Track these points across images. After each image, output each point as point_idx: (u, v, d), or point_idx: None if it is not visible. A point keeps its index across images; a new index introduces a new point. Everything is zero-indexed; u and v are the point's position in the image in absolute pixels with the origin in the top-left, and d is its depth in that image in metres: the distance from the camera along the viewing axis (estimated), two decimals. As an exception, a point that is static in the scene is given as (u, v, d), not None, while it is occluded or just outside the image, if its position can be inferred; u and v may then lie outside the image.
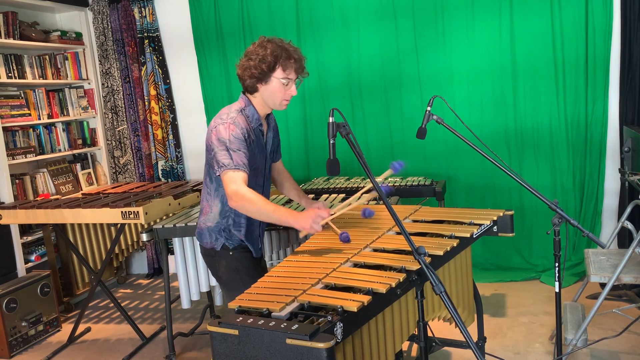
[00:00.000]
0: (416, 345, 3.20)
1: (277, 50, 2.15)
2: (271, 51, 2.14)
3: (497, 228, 2.46)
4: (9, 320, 3.64)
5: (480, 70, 4.12)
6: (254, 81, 2.20)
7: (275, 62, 2.16)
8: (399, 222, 1.74)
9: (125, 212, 3.39)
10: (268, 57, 2.14)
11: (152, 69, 4.86)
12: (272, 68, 2.17)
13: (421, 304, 1.81)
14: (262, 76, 2.18)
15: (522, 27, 3.99)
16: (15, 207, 3.72)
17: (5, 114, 4.12)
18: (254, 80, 2.19)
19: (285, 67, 2.18)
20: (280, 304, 1.65)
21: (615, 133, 3.94)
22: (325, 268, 1.93)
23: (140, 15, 4.80)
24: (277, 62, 2.16)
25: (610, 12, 3.79)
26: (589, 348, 3.04)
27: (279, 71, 2.18)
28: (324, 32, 4.42)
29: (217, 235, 2.36)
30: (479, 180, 4.26)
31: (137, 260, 5.29)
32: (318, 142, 4.60)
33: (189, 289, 3.14)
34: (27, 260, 4.17)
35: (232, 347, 1.57)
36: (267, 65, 2.15)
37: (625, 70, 3.80)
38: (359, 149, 1.90)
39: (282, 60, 2.16)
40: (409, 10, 4.20)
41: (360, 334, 1.69)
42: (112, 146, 5.04)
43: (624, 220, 3.29)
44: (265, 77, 2.18)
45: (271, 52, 2.14)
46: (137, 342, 3.71)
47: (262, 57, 2.15)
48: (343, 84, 4.45)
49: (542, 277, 4.15)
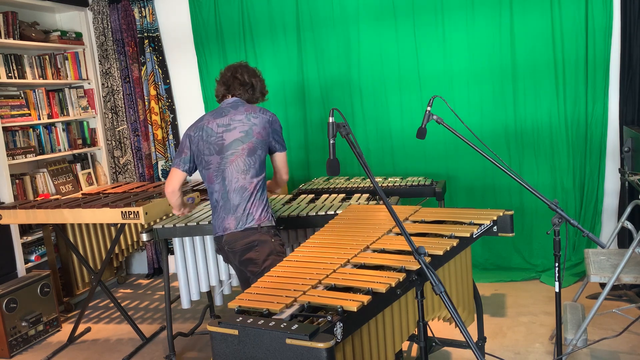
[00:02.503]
0: (416, 345, 3.20)
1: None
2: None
3: (497, 228, 2.46)
4: (9, 320, 3.64)
5: (480, 70, 4.12)
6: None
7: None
8: (399, 222, 1.74)
9: (125, 212, 3.39)
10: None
11: (152, 69, 4.86)
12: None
13: (421, 304, 1.81)
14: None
15: (522, 27, 3.99)
16: (15, 207, 3.72)
17: (5, 114, 4.12)
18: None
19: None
20: (280, 304, 1.65)
21: (615, 133, 3.94)
22: (325, 269, 1.93)
23: (140, 15, 4.80)
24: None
25: (610, 12, 3.79)
26: (589, 348, 3.04)
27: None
28: (324, 32, 4.42)
29: (267, 209, 2.69)
30: (479, 180, 4.26)
31: (137, 260, 5.29)
32: (318, 142, 4.60)
33: (189, 289, 3.15)
34: (27, 260, 4.17)
35: (232, 347, 1.57)
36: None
37: (625, 70, 3.80)
38: (359, 149, 1.91)
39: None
40: (409, 10, 4.20)
41: (360, 334, 1.69)
42: (112, 146, 5.04)
43: (624, 220, 3.29)
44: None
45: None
46: (137, 342, 3.71)
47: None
48: (343, 84, 4.45)
49: (542, 277, 4.15)
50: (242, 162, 2.63)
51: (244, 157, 2.64)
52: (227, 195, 2.65)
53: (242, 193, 2.63)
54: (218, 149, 2.67)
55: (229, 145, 2.65)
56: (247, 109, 2.69)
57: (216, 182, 2.69)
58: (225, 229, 2.66)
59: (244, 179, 2.63)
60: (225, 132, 2.66)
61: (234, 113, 2.68)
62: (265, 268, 2.53)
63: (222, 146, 2.66)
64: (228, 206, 2.65)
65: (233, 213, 2.64)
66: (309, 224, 3.03)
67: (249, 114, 2.67)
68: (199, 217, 3.16)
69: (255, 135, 2.65)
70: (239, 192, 2.63)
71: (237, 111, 2.68)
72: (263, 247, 2.60)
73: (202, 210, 3.36)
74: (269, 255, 2.60)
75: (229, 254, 2.68)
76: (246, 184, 2.63)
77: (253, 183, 2.65)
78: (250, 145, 2.64)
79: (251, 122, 2.65)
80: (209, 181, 2.73)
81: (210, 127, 2.69)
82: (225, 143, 2.66)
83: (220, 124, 2.68)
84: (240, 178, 2.63)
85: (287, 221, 3.04)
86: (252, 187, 2.64)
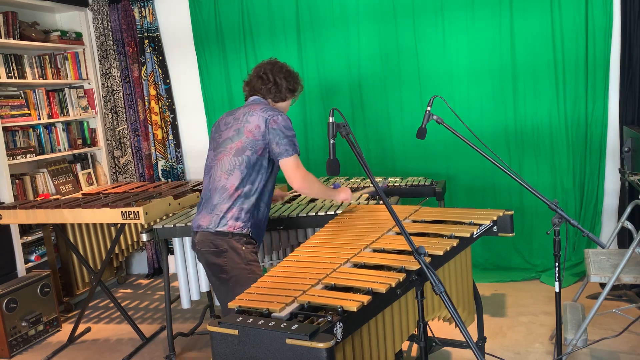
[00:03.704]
0: (416, 345, 3.20)
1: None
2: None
3: (497, 228, 2.46)
4: (9, 320, 3.64)
5: (480, 70, 4.12)
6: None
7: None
8: (399, 222, 1.74)
9: (125, 212, 3.38)
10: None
11: (152, 69, 4.86)
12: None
13: (421, 304, 1.81)
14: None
15: (522, 26, 3.99)
16: (15, 207, 3.72)
17: (5, 114, 4.12)
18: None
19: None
20: (280, 304, 1.65)
21: (615, 133, 3.94)
22: (325, 268, 1.93)
23: (140, 15, 4.80)
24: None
25: (610, 12, 3.79)
26: (589, 348, 3.04)
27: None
28: (324, 32, 4.42)
29: (244, 219, 2.50)
30: (479, 180, 4.26)
31: (137, 260, 5.29)
32: (318, 142, 4.60)
33: (189, 289, 3.14)
34: (27, 260, 4.17)
35: (232, 347, 1.57)
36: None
37: (625, 70, 3.80)
38: (359, 149, 1.91)
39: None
40: (409, 10, 4.20)
41: (360, 334, 1.69)
42: (112, 146, 5.04)
43: (624, 220, 3.29)
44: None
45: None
46: (137, 342, 3.71)
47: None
48: (343, 84, 4.45)
49: (542, 277, 4.15)
50: (228, 162, 2.50)
51: (230, 156, 2.50)
52: (209, 192, 2.55)
53: (222, 193, 2.49)
54: (214, 145, 2.63)
55: (221, 143, 2.57)
56: (252, 107, 2.56)
57: (205, 177, 2.63)
58: (199, 226, 2.53)
59: (226, 179, 2.49)
60: (225, 129, 2.59)
61: (240, 112, 2.59)
62: (233, 277, 2.41)
63: (217, 143, 2.61)
64: (208, 204, 2.54)
65: (210, 212, 2.51)
66: (309, 224, 3.03)
67: (248, 113, 2.54)
68: (199, 217, 3.16)
69: (245, 134, 2.49)
70: (220, 191, 2.50)
71: (243, 110, 2.58)
72: (232, 254, 2.45)
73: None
74: (237, 263, 2.44)
75: (197, 254, 2.58)
76: (227, 184, 2.49)
77: (235, 186, 2.47)
78: (238, 145, 2.49)
79: (246, 119, 2.52)
80: (204, 174, 2.69)
81: (219, 125, 2.66)
82: (220, 141, 2.59)
83: (227, 121, 2.61)
84: (223, 178, 2.50)
85: (287, 221, 3.03)
86: (232, 189, 2.47)
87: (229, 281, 2.43)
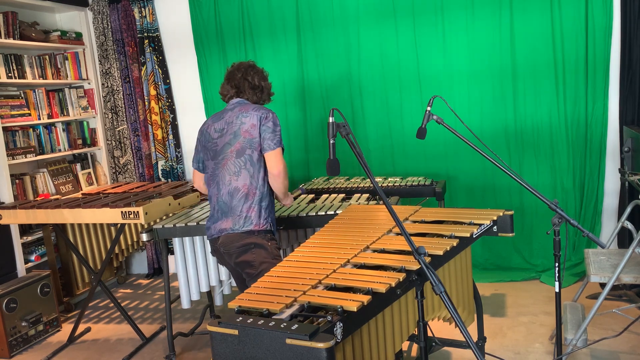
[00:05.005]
0: (416, 345, 3.20)
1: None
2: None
3: (497, 228, 2.46)
4: (9, 320, 3.64)
5: (480, 70, 4.12)
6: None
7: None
8: (399, 222, 1.74)
9: (125, 212, 3.39)
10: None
11: (152, 69, 4.85)
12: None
13: (421, 304, 1.81)
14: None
15: (522, 27, 3.99)
16: (15, 207, 3.72)
17: (5, 114, 4.12)
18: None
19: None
20: (280, 304, 1.65)
21: (615, 133, 3.93)
22: (325, 269, 1.93)
23: (140, 15, 4.80)
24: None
25: (610, 12, 3.79)
26: (589, 348, 3.04)
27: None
28: (324, 32, 4.42)
29: (265, 216, 2.65)
30: (479, 180, 4.26)
31: (137, 260, 5.29)
32: (318, 142, 4.60)
33: (189, 289, 3.15)
34: (27, 260, 4.16)
35: (232, 347, 1.57)
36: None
37: (625, 70, 3.80)
38: (359, 149, 1.91)
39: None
40: (409, 10, 4.20)
41: (360, 334, 1.69)
42: (112, 146, 5.04)
43: (624, 220, 3.28)
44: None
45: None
46: (137, 342, 3.71)
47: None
48: (343, 84, 4.45)
49: (542, 277, 4.15)
50: (232, 164, 2.63)
51: (232, 159, 2.63)
52: (221, 198, 2.65)
53: (236, 194, 2.61)
54: (213, 155, 2.70)
55: (221, 151, 2.67)
56: (242, 109, 2.68)
57: (212, 187, 2.71)
58: (221, 231, 2.64)
59: (236, 181, 2.62)
60: (219, 137, 2.68)
61: (229, 115, 2.68)
62: (262, 271, 2.51)
63: (215, 152, 2.69)
64: (224, 209, 2.64)
65: (230, 215, 2.63)
66: (309, 224, 3.03)
67: (241, 114, 2.66)
68: (199, 217, 3.17)
69: (242, 134, 2.62)
70: (233, 193, 2.62)
71: (232, 112, 2.69)
72: (259, 250, 2.59)
73: (202, 210, 3.37)
74: (265, 258, 2.58)
75: (225, 255, 2.67)
76: (239, 185, 2.62)
77: (246, 185, 2.61)
78: (237, 147, 2.62)
79: (240, 121, 2.64)
80: (207, 185, 2.75)
81: (209, 133, 2.73)
82: (218, 149, 2.68)
83: (217, 129, 2.70)
84: (233, 180, 2.62)
85: (287, 221, 3.04)
86: (246, 189, 2.61)
87: (258, 276, 2.49)
